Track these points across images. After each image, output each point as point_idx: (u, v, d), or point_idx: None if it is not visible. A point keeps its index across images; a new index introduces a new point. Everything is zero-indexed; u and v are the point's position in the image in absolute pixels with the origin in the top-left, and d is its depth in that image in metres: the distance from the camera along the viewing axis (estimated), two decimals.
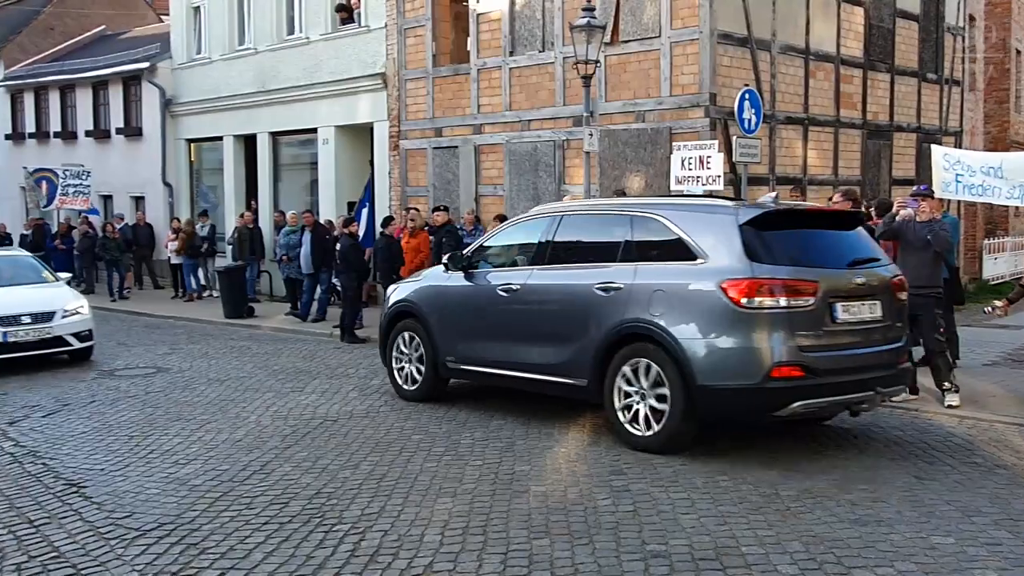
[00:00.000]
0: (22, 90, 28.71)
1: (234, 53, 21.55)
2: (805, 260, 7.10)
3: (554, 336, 8.08)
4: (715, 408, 7.18)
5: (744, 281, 6.86)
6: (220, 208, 22.46)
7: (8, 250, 16.91)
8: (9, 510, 6.52)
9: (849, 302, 7.14)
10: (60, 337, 12.40)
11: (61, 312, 12.52)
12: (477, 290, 8.88)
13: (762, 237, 7.10)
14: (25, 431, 8.83)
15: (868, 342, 7.25)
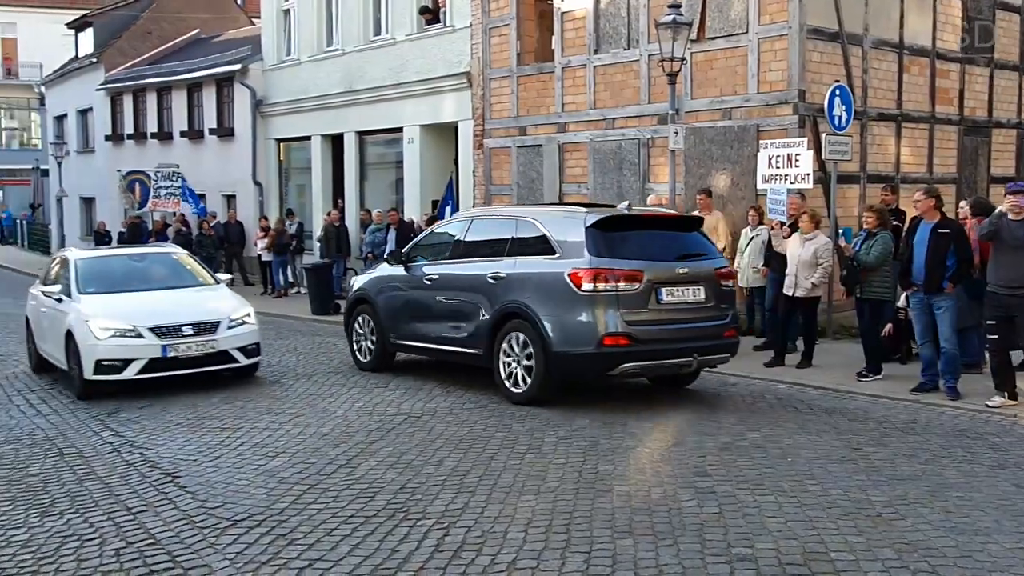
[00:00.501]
0: (121, 93, 29.71)
1: (322, 54, 21.94)
2: (636, 255, 8.94)
3: (461, 316, 10.06)
4: (565, 369, 9.12)
5: (584, 270, 8.73)
6: (307, 206, 22.90)
7: (161, 246, 14.92)
8: (108, 497, 6.75)
9: (673, 287, 9.00)
10: (226, 352, 10.49)
11: (227, 321, 10.62)
12: (410, 280, 10.86)
13: (602, 236, 8.97)
14: (123, 421, 9.13)
15: (690, 319, 9.09)
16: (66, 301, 10.83)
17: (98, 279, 11.27)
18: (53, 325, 11.01)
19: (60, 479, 7.25)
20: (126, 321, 10.21)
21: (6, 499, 6.77)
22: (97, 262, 12.00)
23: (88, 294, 10.83)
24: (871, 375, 10.15)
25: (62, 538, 5.95)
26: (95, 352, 10.02)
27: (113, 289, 11.07)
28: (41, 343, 11.69)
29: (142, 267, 11.99)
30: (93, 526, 6.14)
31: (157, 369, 10.18)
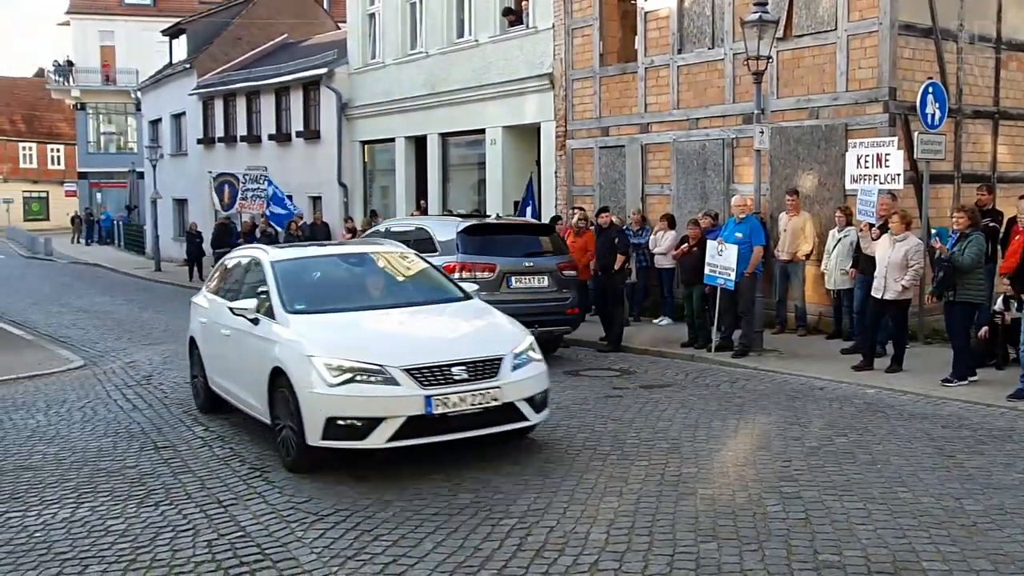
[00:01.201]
0: (212, 97, 30.54)
1: (406, 57, 22.20)
2: (493, 252, 11.84)
3: None
4: None
5: (452, 264, 11.44)
6: (391, 207, 23.19)
7: (379, 243, 10.42)
8: (200, 490, 6.96)
9: (521, 276, 11.97)
10: (512, 406, 7.18)
11: (511, 358, 7.31)
12: None
13: (469, 239, 11.88)
14: (214, 417, 9.36)
15: (534, 300, 11.76)
16: (266, 323, 7.84)
17: (309, 291, 8.32)
18: (244, 357, 8.22)
19: (155, 472, 7.50)
20: (368, 358, 7.00)
21: (105, 490, 7.03)
22: (303, 266, 8.78)
23: (299, 313, 7.74)
24: (957, 381, 9.83)
25: (157, 528, 6.15)
26: (325, 406, 6.89)
27: (333, 306, 7.98)
28: (219, 378, 9.00)
29: (362, 273, 8.91)
30: (186, 518, 6.34)
31: (418, 432, 6.89)
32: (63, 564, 5.60)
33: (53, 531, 6.19)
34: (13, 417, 9.72)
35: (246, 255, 9.42)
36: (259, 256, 8.82)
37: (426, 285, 8.81)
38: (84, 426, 9.23)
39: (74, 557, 5.71)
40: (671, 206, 15.51)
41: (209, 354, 9.25)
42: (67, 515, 6.49)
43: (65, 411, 9.95)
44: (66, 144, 60.67)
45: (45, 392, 11.06)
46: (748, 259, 11.88)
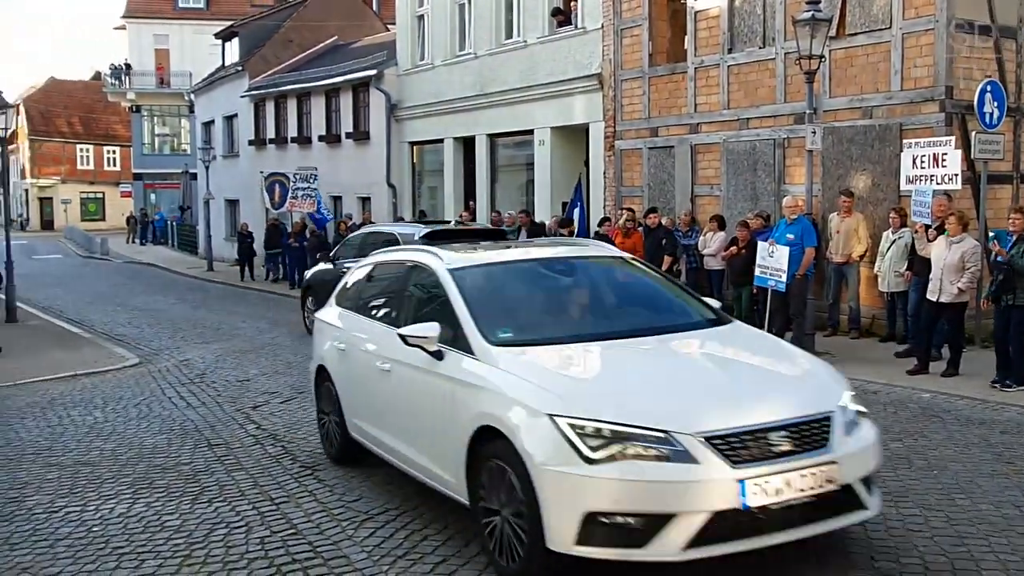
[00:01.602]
0: (264, 99, 30.93)
1: (455, 58, 22.29)
2: None
3: None
4: None
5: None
6: (439, 208, 23.31)
7: (577, 241, 8.94)
8: (253, 487, 7.04)
9: None
10: (849, 489, 4.92)
11: (840, 415, 5.06)
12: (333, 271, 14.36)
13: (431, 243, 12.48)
14: (266, 415, 9.51)
15: None
16: (456, 359, 5.60)
17: (512, 313, 6.10)
18: (419, 405, 5.96)
19: (209, 469, 7.61)
20: (643, 419, 4.72)
21: (160, 486, 7.15)
22: (495, 276, 6.43)
23: (507, 345, 5.53)
24: (1016, 385, 9.60)
25: (211, 525, 6.24)
26: (583, 494, 4.65)
27: (552, 334, 5.75)
28: (369, 425, 6.81)
29: (575, 286, 6.67)
30: (239, 514, 6.42)
31: (727, 534, 4.62)
32: (120, 558, 5.70)
33: (110, 525, 6.31)
34: (72, 413, 9.94)
35: (400, 258, 7.28)
36: (428, 262, 6.51)
37: (663, 302, 6.58)
38: (140, 423, 9.40)
39: (131, 551, 5.81)
40: (721, 207, 15.39)
41: (353, 392, 7.06)
42: (124, 510, 6.61)
43: (121, 408, 10.14)
44: (122, 146, 61.86)
45: (102, 389, 11.28)
46: (799, 261, 11.73)
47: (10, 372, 12.46)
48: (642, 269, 7.16)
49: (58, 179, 63.66)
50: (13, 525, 6.38)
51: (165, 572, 5.47)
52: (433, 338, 5.71)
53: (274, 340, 15.03)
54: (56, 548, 5.92)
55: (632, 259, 7.38)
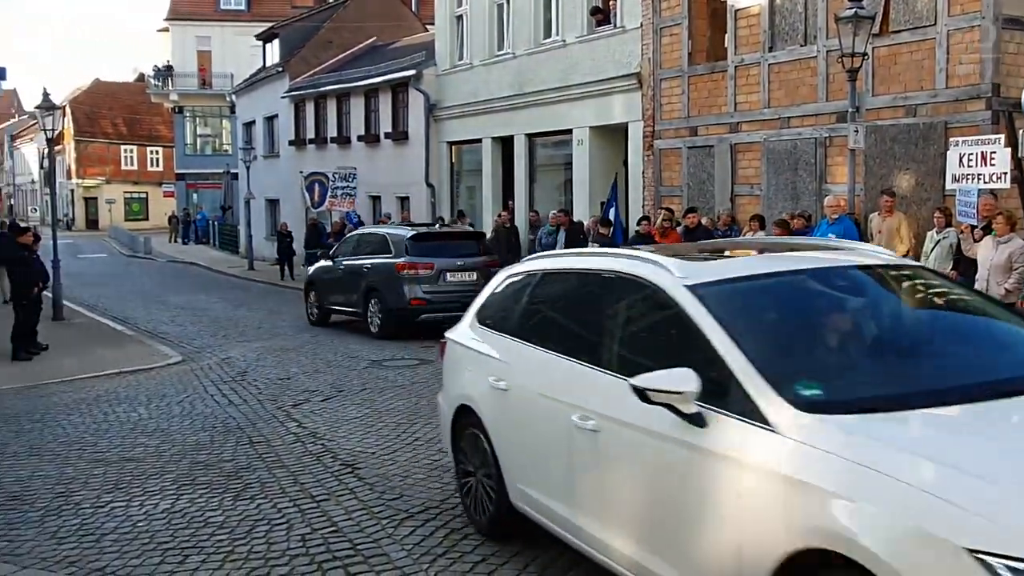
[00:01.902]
0: (304, 99, 31.19)
1: (493, 58, 22.31)
2: (433, 254, 15.10)
3: (354, 287, 16.01)
4: (395, 317, 15.02)
5: (402, 263, 14.95)
6: (477, 207, 23.36)
7: (865, 250, 5.49)
8: (294, 485, 7.11)
9: (455, 273, 15.02)
10: None
11: None
12: (335, 266, 16.93)
13: (414, 244, 15.23)
14: (307, 413, 9.60)
15: (465, 291, 13.14)
16: (731, 427, 3.74)
17: (802, 353, 4.23)
18: (662, 492, 4.11)
19: (250, 466, 7.69)
20: None
21: (203, 483, 7.25)
22: (756, 296, 4.53)
23: (820, 408, 3.58)
24: None
25: (253, 521, 6.31)
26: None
27: (881, 392, 3.80)
28: (550, 499, 5.02)
29: (874, 309, 4.80)
30: (281, 512, 6.49)
31: None
32: (164, 554, 5.78)
33: (155, 521, 6.40)
34: (117, 410, 10.09)
35: (593, 266, 5.30)
36: (648, 275, 4.60)
37: (1007, 334, 4.56)
38: (183, 420, 9.53)
39: (175, 547, 5.89)
40: (761, 206, 15.26)
41: (522, 450, 5.30)
42: (168, 506, 6.71)
43: (165, 405, 10.28)
44: (164, 146, 62.65)
45: (146, 386, 11.45)
46: None
47: (57, 369, 12.69)
48: (949, 282, 5.48)
49: (103, 179, 64.64)
50: (61, 519, 6.50)
51: (209, 568, 5.54)
52: (690, 394, 3.78)
53: (314, 338, 15.16)
54: (102, 543, 6.02)
55: (929, 268, 5.86)
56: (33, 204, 73.13)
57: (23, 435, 9.07)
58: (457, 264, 15.07)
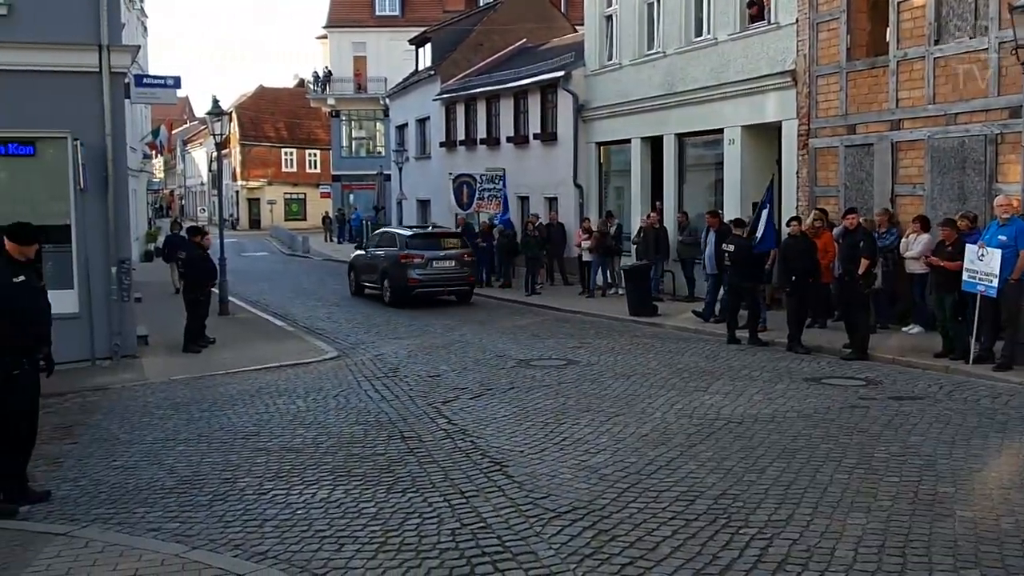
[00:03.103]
0: (455, 102, 31.76)
1: (643, 58, 22.13)
2: (424, 247, 20.36)
3: (375, 270, 21.35)
4: (400, 293, 20.14)
5: (402, 254, 20.16)
6: (625, 208, 23.23)
7: None
8: (444, 480, 7.26)
9: (439, 261, 20.27)
10: None
11: None
12: (367, 256, 22.62)
13: (411, 240, 20.72)
14: (456, 410, 9.77)
15: (447, 273, 20.33)
16: None
17: None
18: None
19: (402, 460, 7.90)
20: None
21: (358, 474, 7.49)
22: None
23: None
24: None
25: (405, 514, 6.48)
26: None
27: None
28: None
29: None
30: (431, 506, 6.64)
31: None
32: (322, 541, 6.01)
33: (312, 509, 6.66)
34: (277, 402, 10.55)
35: None
36: None
37: None
38: (338, 413, 9.87)
39: (331, 535, 6.12)
40: (924, 207, 14.56)
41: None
42: (324, 496, 6.96)
43: (321, 398, 10.68)
44: (322, 149, 65.00)
45: (304, 380, 11.92)
46: (1013, 264, 10.97)
47: (223, 362, 13.37)
48: None
49: (265, 181, 67.65)
50: (227, 504, 6.85)
51: (363, 557, 5.73)
52: None
53: (462, 337, 15.42)
54: (264, 528, 6.31)
55: None
56: (202, 205, 77.24)
57: (193, 423, 9.60)
58: (440, 255, 20.57)
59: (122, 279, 13.48)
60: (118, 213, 13.54)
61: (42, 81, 12.97)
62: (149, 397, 11.13)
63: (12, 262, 7.17)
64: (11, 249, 7.22)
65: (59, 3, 13.07)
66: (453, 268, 20.43)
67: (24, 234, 7.26)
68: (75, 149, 13.07)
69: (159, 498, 7.07)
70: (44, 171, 13.57)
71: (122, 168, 13.84)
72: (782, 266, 14.01)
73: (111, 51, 13.32)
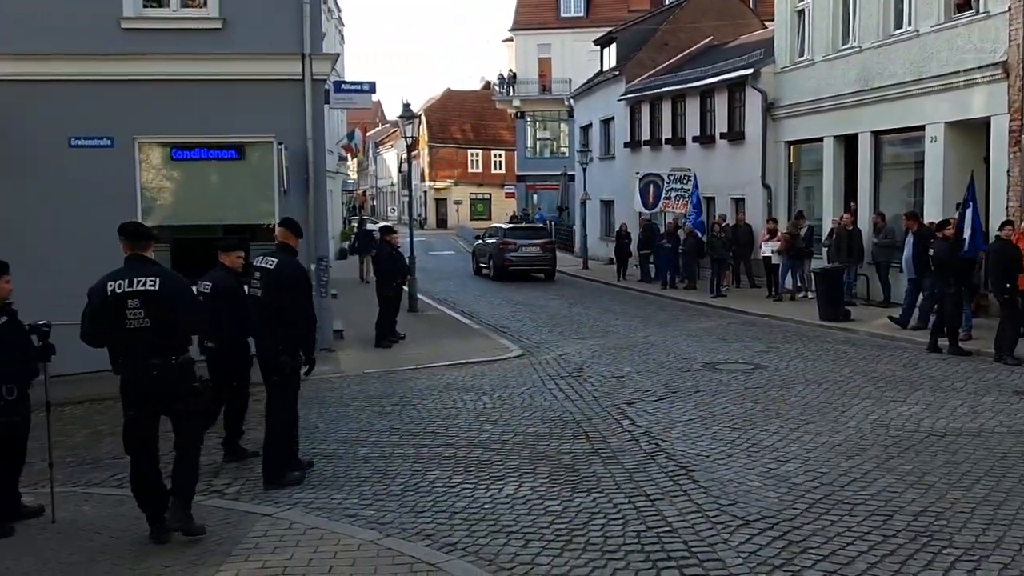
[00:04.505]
0: (639, 102, 31.58)
1: (836, 53, 21.28)
2: (517, 237, 28.48)
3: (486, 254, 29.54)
4: (500, 271, 27.62)
5: (501, 241, 28.02)
6: (815, 209, 22.42)
7: None
8: (628, 482, 7.24)
9: (527, 248, 27.92)
10: None
11: None
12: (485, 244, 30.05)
13: (507, 232, 29.35)
14: (640, 412, 9.73)
15: (531, 257, 27.80)
16: None
17: None
18: None
19: (587, 460, 7.94)
20: None
21: (543, 472, 7.58)
22: None
23: None
24: None
25: (590, 514, 6.51)
26: None
27: None
28: None
29: None
30: (616, 507, 6.64)
31: None
32: (508, 537, 6.13)
33: (499, 504, 6.80)
34: (464, 398, 10.82)
35: None
36: None
37: None
38: (523, 411, 10.02)
39: (518, 531, 6.22)
40: None
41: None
42: (511, 492, 7.09)
43: (507, 396, 10.87)
44: (507, 150, 66.13)
45: (490, 377, 12.17)
46: None
47: (412, 357, 13.84)
48: None
49: (451, 181, 69.54)
50: (417, 495, 7.09)
51: (549, 554, 5.80)
52: None
53: (646, 339, 15.32)
54: (453, 520, 6.49)
55: None
56: (392, 205, 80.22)
57: (384, 416, 10.00)
58: (528, 243, 27.89)
59: (320, 276, 14.18)
60: (317, 213, 14.26)
61: (250, 89, 13.84)
62: (345, 389, 11.66)
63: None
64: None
65: (267, 16, 13.90)
66: (538, 253, 27.65)
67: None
68: (279, 153, 13.86)
69: (355, 486, 7.40)
70: (250, 174, 14.47)
71: (321, 170, 14.57)
72: (998, 271, 13.07)
73: (313, 59, 14.04)
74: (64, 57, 13.31)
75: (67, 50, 13.30)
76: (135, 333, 5.99)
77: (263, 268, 7.54)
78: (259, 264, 7.64)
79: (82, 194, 13.29)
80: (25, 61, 13.24)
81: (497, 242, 27.84)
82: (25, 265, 8.45)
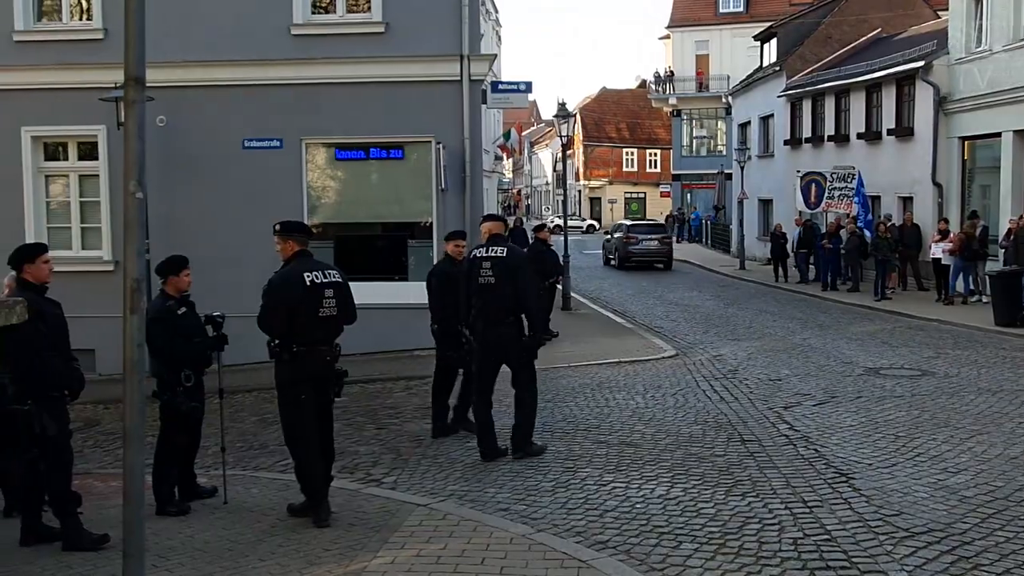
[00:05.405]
0: (800, 98, 30.62)
1: (1018, 43, 20.01)
2: (639, 232, 32.28)
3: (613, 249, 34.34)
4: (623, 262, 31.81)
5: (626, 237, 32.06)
6: (991, 209, 21.17)
7: None
8: (785, 487, 7.05)
9: (646, 242, 31.57)
10: None
11: None
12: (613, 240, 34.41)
13: (630, 228, 33.26)
14: (798, 416, 9.44)
15: (652, 251, 31.54)
16: None
17: None
18: None
19: (741, 463, 7.77)
20: None
21: (696, 474, 7.48)
22: None
23: None
24: None
25: (744, 518, 6.37)
26: None
27: None
28: None
29: None
30: (772, 512, 6.48)
31: None
32: (660, 537, 6.07)
33: (651, 504, 6.74)
34: (616, 397, 10.78)
35: None
36: None
37: None
38: (676, 412, 9.90)
39: (669, 532, 6.16)
40: None
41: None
42: (663, 492, 7.02)
43: (660, 396, 10.76)
44: (662, 148, 65.48)
45: (642, 376, 12.08)
46: None
47: (566, 355, 13.87)
48: None
49: (606, 180, 69.39)
50: (569, 492, 7.12)
51: (701, 556, 5.71)
52: None
53: (805, 341, 14.86)
54: (604, 518, 6.48)
55: None
56: (546, 203, 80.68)
57: (538, 413, 10.03)
58: (648, 238, 31.30)
59: None
60: (473, 211, 14.50)
61: (410, 91, 14.22)
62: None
63: None
64: None
65: (428, 19, 14.24)
66: (656, 246, 31.26)
67: None
68: (438, 152, 14.18)
69: (507, 480, 7.50)
70: (410, 173, 14.87)
71: (478, 169, 14.81)
72: None
73: (471, 60, 14.29)
74: (239, 63, 14.07)
75: (242, 57, 14.05)
76: (326, 320, 6.47)
77: (494, 257, 8.00)
78: (486, 254, 8.07)
79: (254, 193, 14.01)
80: (204, 68, 14.06)
81: (622, 237, 31.90)
82: (201, 260, 8.97)
